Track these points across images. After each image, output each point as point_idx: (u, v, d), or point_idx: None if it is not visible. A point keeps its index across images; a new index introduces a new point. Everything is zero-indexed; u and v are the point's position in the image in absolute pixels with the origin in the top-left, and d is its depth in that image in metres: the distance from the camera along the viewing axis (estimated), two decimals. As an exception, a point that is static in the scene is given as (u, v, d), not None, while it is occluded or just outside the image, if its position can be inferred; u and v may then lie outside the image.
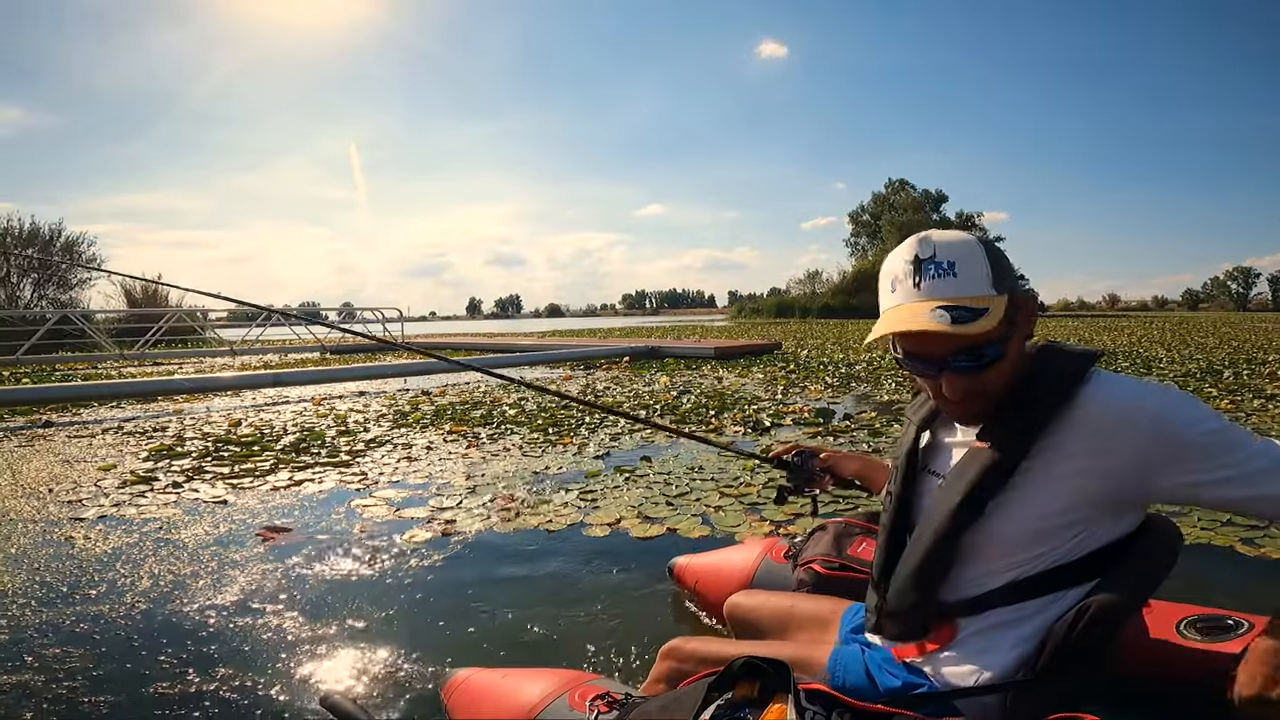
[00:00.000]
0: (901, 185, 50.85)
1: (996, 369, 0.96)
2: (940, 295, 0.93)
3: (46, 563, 2.48)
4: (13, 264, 21.42)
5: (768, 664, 0.88)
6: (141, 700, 1.59)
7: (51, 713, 1.54)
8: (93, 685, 1.65)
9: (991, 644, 0.97)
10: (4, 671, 1.70)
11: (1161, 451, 0.90)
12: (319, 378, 9.03)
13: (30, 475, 3.87)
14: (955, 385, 0.97)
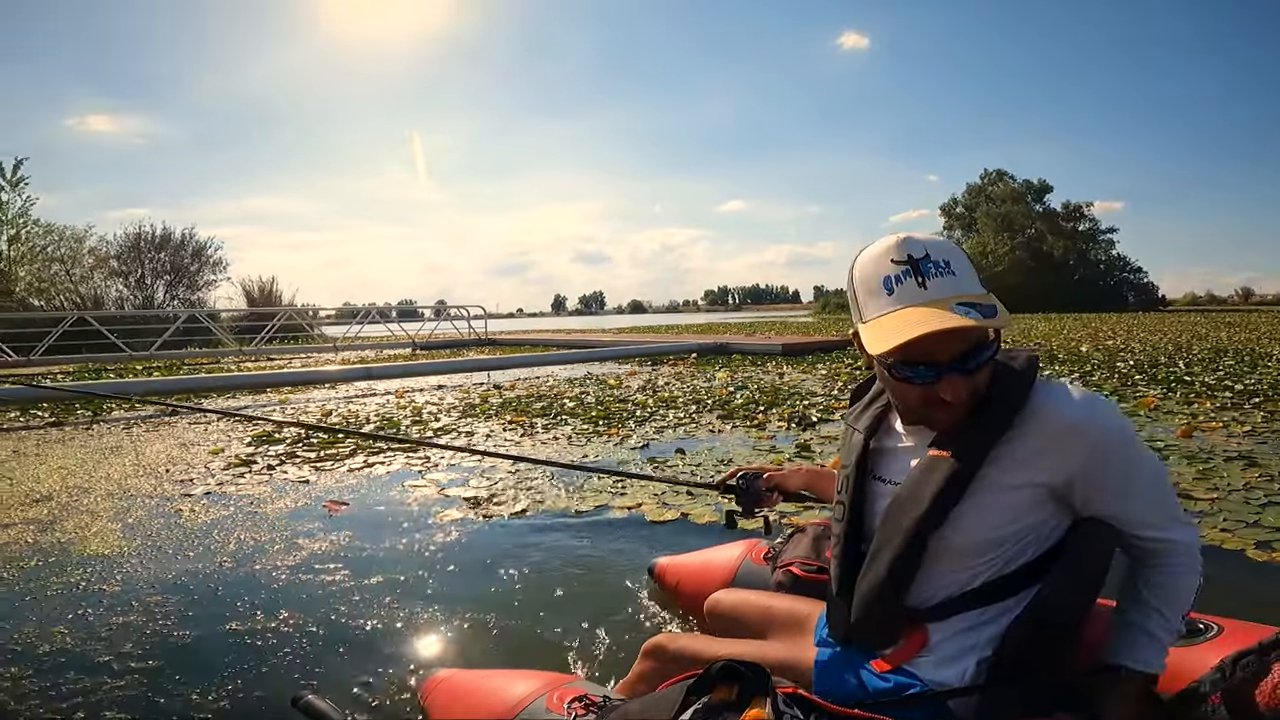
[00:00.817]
0: (999, 176, 47.90)
1: (987, 370, 0.97)
2: (952, 293, 0.92)
3: (157, 530, 2.96)
4: (147, 267, 23.84)
5: (746, 667, 0.89)
6: (219, 635, 1.95)
7: (150, 647, 1.90)
8: (182, 624, 2.03)
9: (961, 648, 0.99)
10: (115, 615, 2.10)
11: (1095, 463, 0.94)
12: (405, 372, 9.73)
13: (151, 457, 4.51)
14: (959, 388, 0.95)
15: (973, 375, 0.95)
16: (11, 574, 2.42)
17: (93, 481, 3.81)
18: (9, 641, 1.90)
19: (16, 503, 3.39)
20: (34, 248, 22.33)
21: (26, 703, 1.60)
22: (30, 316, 17.57)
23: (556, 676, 1.33)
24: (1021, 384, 0.97)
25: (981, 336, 0.95)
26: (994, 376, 0.98)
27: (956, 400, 0.95)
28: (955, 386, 0.94)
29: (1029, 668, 0.96)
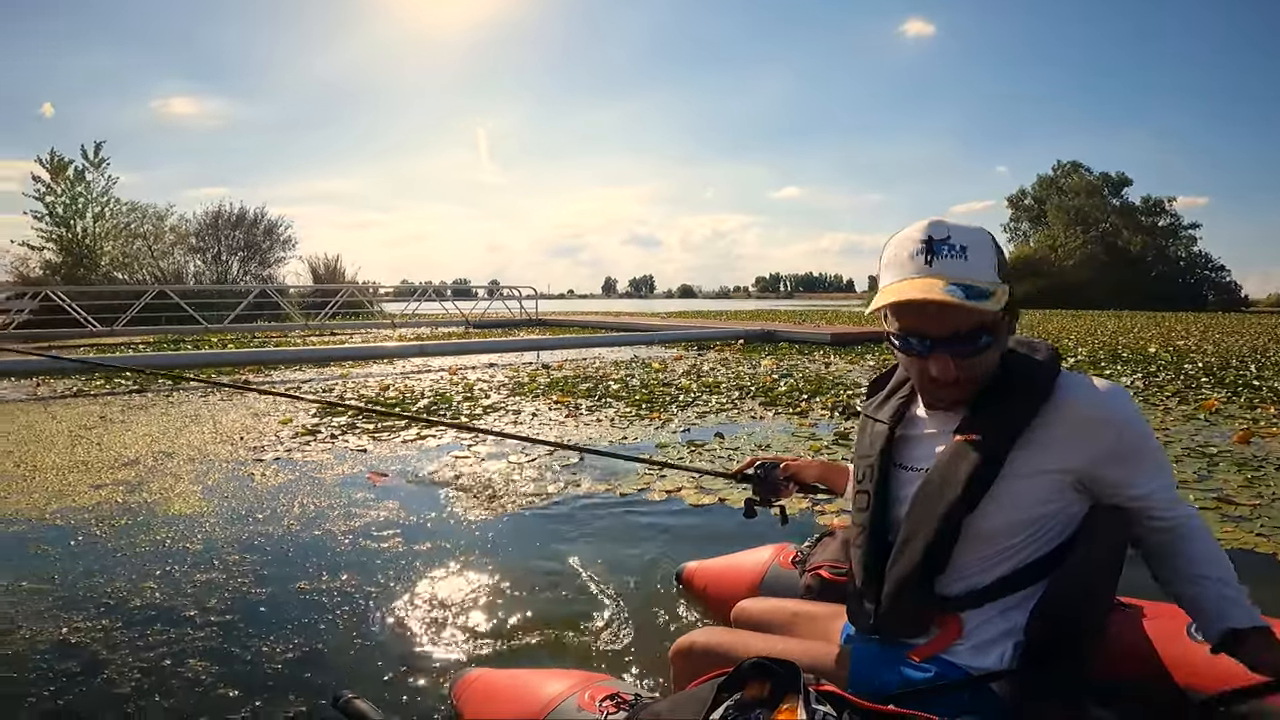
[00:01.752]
0: (1074, 168, 45.66)
1: (987, 356, 1.00)
2: (952, 274, 0.96)
3: (233, 493, 3.22)
4: (223, 244, 25.04)
5: (778, 664, 0.88)
6: (289, 594, 2.14)
7: (230, 603, 2.10)
8: (257, 582, 2.24)
9: (997, 633, 1.00)
10: (199, 571, 2.33)
11: (1117, 450, 0.99)
12: (457, 349, 10.06)
13: (227, 425, 4.84)
14: (946, 367, 0.98)
15: (965, 359, 0.98)
16: (104, 532, 2.69)
17: (175, 447, 4.14)
18: (103, 595, 2.11)
19: (106, 465, 3.72)
20: (118, 225, 23.69)
21: (118, 652, 1.78)
22: (115, 289, 18.70)
23: (588, 675, 1.32)
24: (1045, 374, 1.01)
25: (980, 322, 0.96)
26: (1016, 366, 1.03)
27: (944, 378, 0.99)
28: (942, 364, 0.98)
29: (1053, 657, 0.97)
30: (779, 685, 0.86)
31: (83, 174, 22.58)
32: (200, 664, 1.73)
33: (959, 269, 0.95)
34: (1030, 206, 47.34)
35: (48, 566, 2.32)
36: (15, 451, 4.06)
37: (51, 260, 22.48)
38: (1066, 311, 27.95)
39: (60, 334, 14.47)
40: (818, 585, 1.47)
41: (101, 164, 22.88)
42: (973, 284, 0.94)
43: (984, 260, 0.97)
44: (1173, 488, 1.02)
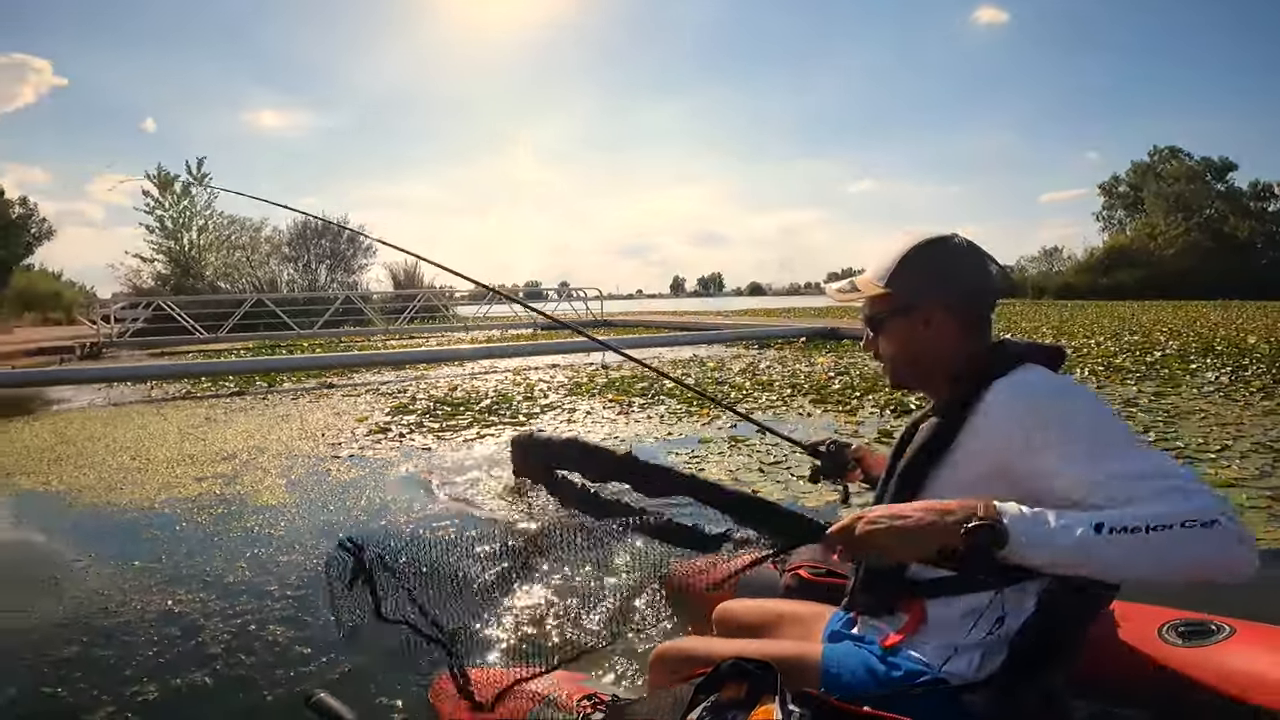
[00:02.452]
0: (1172, 153, 42.66)
1: (882, 340, 1.15)
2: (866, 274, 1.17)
3: (313, 486, 3.57)
4: (312, 252, 26.69)
5: (755, 665, 0.89)
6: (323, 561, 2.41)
7: (306, 580, 2.37)
8: (294, 562, 2.50)
9: (966, 635, 0.99)
10: (281, 554, 2.63)
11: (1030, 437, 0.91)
12: (520, 351, 10.46)
13: (311, 424, 5.29)
14: (866, 344, 1.20)
15: (873, 338, 1.18)
16: (204, 519, 3.06)
17: (266, 443, 4.58)
18: (201, 573, 2.43)
19: (208, 460, 4.17)
20: (219, 237, 25.63)
21: (211, 619, 2.07)
22: (218, 299, 20.29)
23: (565, 675, 1.33)
24: (989, 368, 1.02)
25: (868, 310, 1.17)
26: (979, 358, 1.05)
27: (868, 349, 1.20)
28: (866, 343, 1.21)
29: (1041, 665, 0.95)
30: (755, 687, 0.88)
31: (188, 188, 24.56)
32: (279, 629, 2.01)
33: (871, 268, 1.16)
34: (1125, 194, 44.58)
35: (156, 549, 2.68)
36: (132, 447, 4.59)
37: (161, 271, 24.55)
38: (1167, 302, 26.15)
39: (170, 341, 15.85)
40: (797, 585, 1.50)
41: (204, 178, 24.82)
42: (850, 283, 1.20)
43: (882, 266, 1.13)
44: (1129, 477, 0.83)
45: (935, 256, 1.11)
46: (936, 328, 1.10)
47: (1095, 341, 9.76)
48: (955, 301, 1.09)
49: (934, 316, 1.09)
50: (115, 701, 1.66)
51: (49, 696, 1.69)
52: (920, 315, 1.10)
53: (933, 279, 1.10)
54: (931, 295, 1.09)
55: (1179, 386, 5.72)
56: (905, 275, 1.11)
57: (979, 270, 1.11)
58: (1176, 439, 3.83)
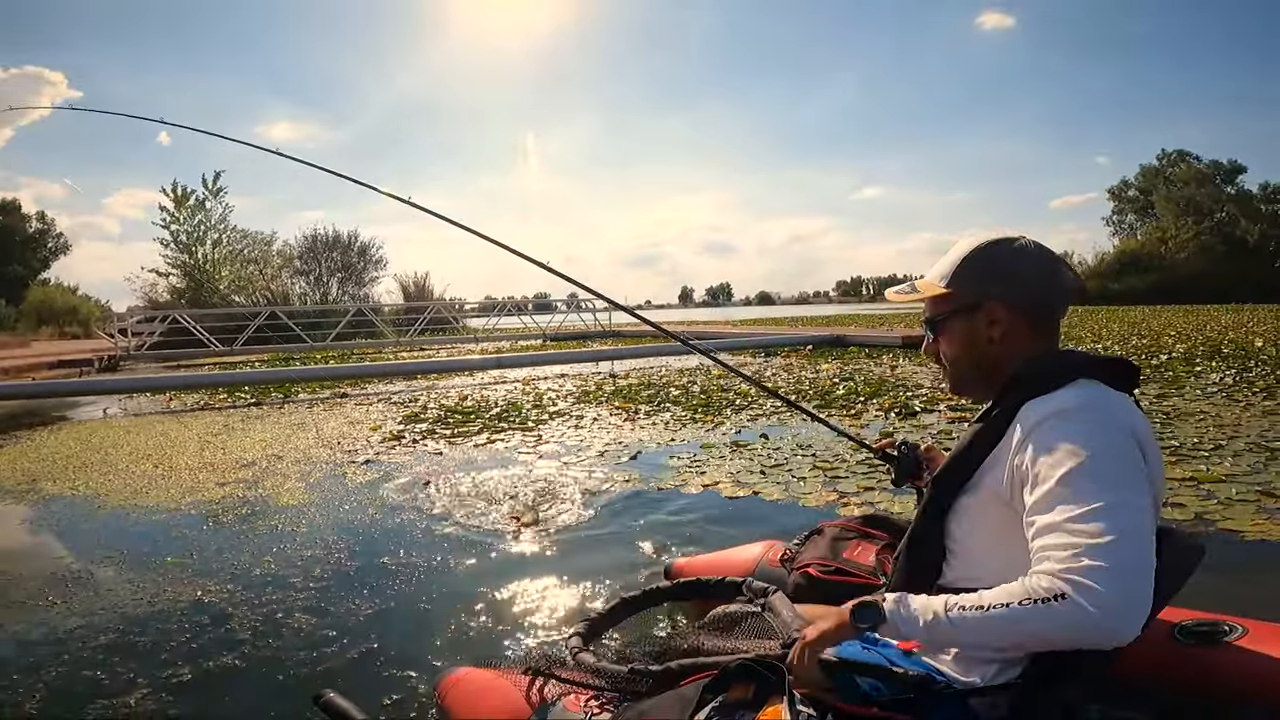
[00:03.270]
0: (1180, 157, 42.59)
1: (942, 341, 1.13)
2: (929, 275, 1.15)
3: (330, 489, 3.70)
4: (323, 265, 27.03)
5: (763, 666, 0.89)
6: (375, 567, 2.53)
7: (329, 574, 2.50)
8: (349, 558, 2.64)
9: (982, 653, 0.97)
10: (305, 548, 2.76)
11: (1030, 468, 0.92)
12: (529, 361, 10.62)
13: (327, 431, 5.44)
14: (926, 347, 1.18)
15: (932, 339, 1.15)
16: (230, 519, 3.20)
17: (285, 450, 4.73)
18: (231, 568, 2.57)
19: (230, 466, 4.31)
20: (233, 250, 25.99)
21: (239, 609, 2.20)
22: (231, 312, 20.57)
23: None
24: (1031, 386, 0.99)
25: (929, 311, 1.14)
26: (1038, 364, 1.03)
27: (928, 354, 1.17)
28: (926, 347, 1.18)
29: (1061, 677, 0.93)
30: (763, 687, 0.87)
31: (203, 203, 24.95)
32: (304, 617, 2.13)
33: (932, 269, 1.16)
34: (1135, 198, 44.44)
35: (187, 546, 2.82)
36: (154, 455, 4.74)
37: (176, 285, 24.91)
38: (1179, 307, 26.04)
39: (187, 354, 16.12)
40: (806, 583, 1.48)
41: (220, 192, 25.19)
42: (909, 284, 1.20)
43: (942, 266, 1.12)
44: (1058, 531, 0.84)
45: (1000, 256, 1.08)
46: (1001, 328, 1.06)
47: (1103, 346, 9.80)
48: (1021, 300, 1.05)
49: (998, 315, 1.06)
50: (150, 684, 1.77)
51: (90, 679, 1.81)
52: (984, 314, 1.07)
53: (997, 277, 1.06)
54: (995, 294, 1.06)
55: (1182, 388, 5.78)
56: (968, 274, 1.08)
57: (1047, 271, 1.06)
58: (1173, 439, 3.90)
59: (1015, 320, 1.05)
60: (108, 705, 1.69)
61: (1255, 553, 2.34)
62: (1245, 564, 2.23)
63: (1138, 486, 0.88)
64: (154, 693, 1.73)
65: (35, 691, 1.76)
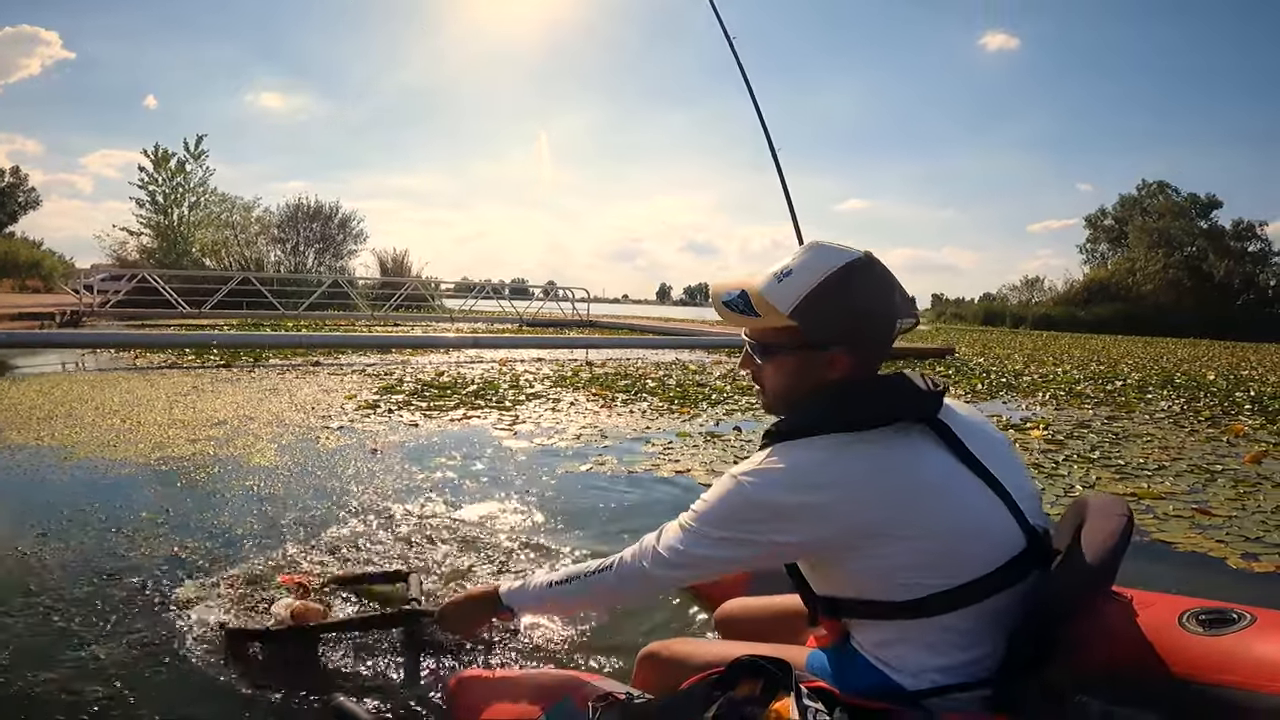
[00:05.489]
0: (1160, 188, 43.62)
1: (765, 370, 1.07)
2: (756, 288, 1.03)
3: (303, 452, 3.70)
4: (301, 235, 26.60)
5: (769, 662, 0.89)
6: (346, 533, 2.55)
7: (305, 532, 2.52)
8: (324, 521, 2.66)
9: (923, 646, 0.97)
10: (277, 510, 2.77)
11: None
12: (508, 343, 10.62)
13: (301, 398, 5.41)
14: (744, 360, 1.12)
15: (752, 360, 1.09)
16: (203, 477, 3.18)
17: (256, 413, 4.70)
18: (210, 526, 2.54)
19: (200, 424, 4.29)
20: (210, 215, 25.48)
21: (218, 563, 2.20)
22: (203, 274, 20.17)
23: (580, 675, 1.33)
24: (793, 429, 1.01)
25: (750, 334, 1.07)
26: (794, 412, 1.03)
27: (744, 368, 1.13)
28: (743, 360, 1.12)
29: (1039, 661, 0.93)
30: (770, 683, 0.88)
31: (183, 165, 24.41)
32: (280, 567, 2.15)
33: (765, 287, 1.02)
34: (1110, 227, 45.47)
35: (161, 501, 2.80)
36: (121, 410, 4.69)
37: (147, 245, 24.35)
38: (1140, 337, 26.85)
39: (153, 314, 15.77)
40: None
41: (201, 156, 24.68)
42: (748, 295, 1.03)
43: (787, 292, 0.99)
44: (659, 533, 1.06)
45: (854, 293, 0.99)
46: (840, 370, 1.01)
47: (1062, 370, 10.12)
48: (866, 343, 1.02)
49: (842, 361, 1.01)
50: (125, 638, 1.74)
51: (61, 630, 1.78)
52: (827, 357, 1.01)
53: (850, 320, 0.99)
54: (844, 340, 1.00)
55: (1133, 412, 6.02)
56: (819, 310, 0.98)
57: (891, 307, 1.02)
58: (1119, 458, 4.09)
59: (855, 362, 1.01)
60: (80, 658, 1.66)
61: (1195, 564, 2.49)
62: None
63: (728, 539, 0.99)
64: (127, 649, 1.70)
65: (5, 644, 1.70)
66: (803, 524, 0.95)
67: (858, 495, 0.94)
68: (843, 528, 0.94)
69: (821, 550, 0.99)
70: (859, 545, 0.94)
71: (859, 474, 0.94)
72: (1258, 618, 1.12)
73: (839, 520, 0.94)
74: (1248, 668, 1.03)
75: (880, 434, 0.96)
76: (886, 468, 0.95)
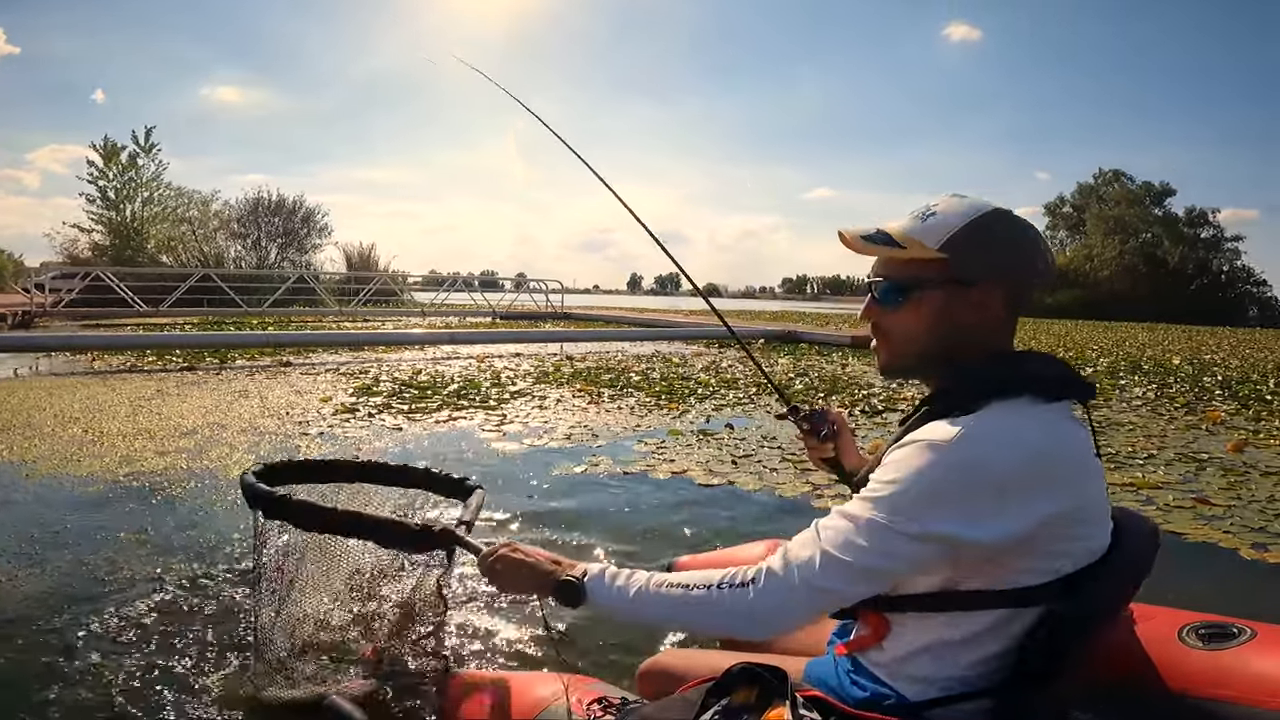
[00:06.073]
0: (1115, 176, 44.89)
1: (900, 317, 0.95)
2: (896, 225, 0.94)
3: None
4: (263, 230, 25.84)
5: (765, 670, 0.88)
6: None
7: None
8: None
9: (944, 652, 0.91)
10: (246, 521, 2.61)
11: None
12: (485, 339, 10.42)
13: (274, 402, 5.20)
14: (866, 306, 0.98)
15: (874, 305, 0.97)
16: (179, 492, 3.00)
17: (227, 419, 4.50)
18: (197, 547, 2.38)
19: (168, 434, 4.08)
20: (165, 209, 24.59)
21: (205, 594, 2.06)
22: (160, 271, 19.46)
23: (574, 678, 1.31)
24: (992, 380, 0.88)
25: (890, 273, 0.95)
26: (995, 362, 0.92)
27: (861, 315, 0.99)
28: (865, 311, 0.99)
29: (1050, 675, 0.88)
30: (766, 691, 0.87)
31: (134, 159, 23.50)
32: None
33: (907, 225, 0.94)
34: (1069, 215, 46.61)
35: (140, 520, 2.62)
36: (81, 419, 4.44)
37: (100, 242, 23.42)
38: (1100, 323, 27.58)
39: (108, 313, 15.15)
40: None
41: (152, 149, 23.78)
42: (887, 232, 0.94)
43: (936, 228, 0.91)
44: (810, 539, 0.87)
45: (1004, 231, 0.92)
46: (986, 313, 0.92)
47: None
48: (1014, 287, 0.93)
49: (991, 300, 0.91)
50: (113, 671, 1.64)
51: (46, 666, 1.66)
52: (976, 295, 0.91)
53: (1001, 255, 0.91)
54: (995, 275, 0.91)
55: (1109, 400, 6.12)
56: (970, 242, 0.90)
57: (1040, 255, 0.95)
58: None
59: (1001, 308, 0.92)
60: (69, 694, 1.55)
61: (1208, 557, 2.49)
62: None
63: (911, 519, 0.82)
64: (117, 682, 1.59)
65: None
66: (1023, 504, 0.82)
67: (1073, 471, 0.86)
68: (1060, 509, 0.84)
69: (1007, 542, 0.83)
70: (1042, 533, 0.84)
71: (1073, 447, 0.87)
72: (1258, 632, 1.11)
73: (1061, 498, 0.84)
74: (1247, 682, 1.02)
75: (1059, 408, 0.89)
76: (1082, 444, 0.88)
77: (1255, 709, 1.00)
